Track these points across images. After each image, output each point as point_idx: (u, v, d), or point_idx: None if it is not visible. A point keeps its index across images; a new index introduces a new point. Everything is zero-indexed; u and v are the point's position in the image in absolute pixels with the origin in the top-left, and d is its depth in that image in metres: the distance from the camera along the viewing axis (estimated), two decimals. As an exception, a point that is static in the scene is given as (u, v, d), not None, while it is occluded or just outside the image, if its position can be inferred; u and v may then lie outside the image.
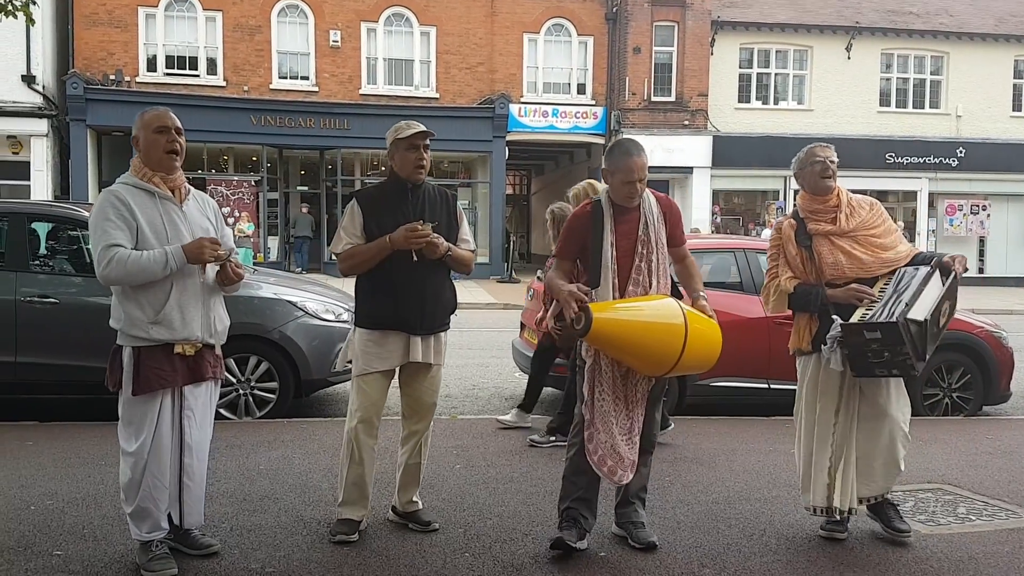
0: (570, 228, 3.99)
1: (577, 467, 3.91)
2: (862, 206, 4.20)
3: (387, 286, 3.95)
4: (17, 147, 20.98)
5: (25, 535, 3.98)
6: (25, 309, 6.27)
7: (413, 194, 4.05)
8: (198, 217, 3.69)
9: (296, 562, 3.74)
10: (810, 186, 4.25)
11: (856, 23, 24.25)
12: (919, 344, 3.87)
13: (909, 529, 4.19)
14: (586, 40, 24.09)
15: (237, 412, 6.57)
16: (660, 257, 3.91)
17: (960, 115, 24.84)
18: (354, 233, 3.98)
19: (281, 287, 7.11)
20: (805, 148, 4.30)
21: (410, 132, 4.00)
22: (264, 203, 22.57)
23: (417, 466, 4.20)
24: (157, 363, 3.49)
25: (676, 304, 3.79)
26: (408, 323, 3.96)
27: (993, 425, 7.08)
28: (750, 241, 9.58)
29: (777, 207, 24.25)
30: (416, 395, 4.13)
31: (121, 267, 3.40)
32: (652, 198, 3.98)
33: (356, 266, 3.99)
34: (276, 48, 22.58)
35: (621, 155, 3.87)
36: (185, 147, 3.69)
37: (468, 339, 12.61)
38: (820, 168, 4.17)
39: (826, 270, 4.14)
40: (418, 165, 4.02)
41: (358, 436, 4.01)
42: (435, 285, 4.03)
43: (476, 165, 25.08)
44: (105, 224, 3.44)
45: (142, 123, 3.61)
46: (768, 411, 7.21)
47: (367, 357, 4.00)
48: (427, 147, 4.06)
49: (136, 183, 3.57)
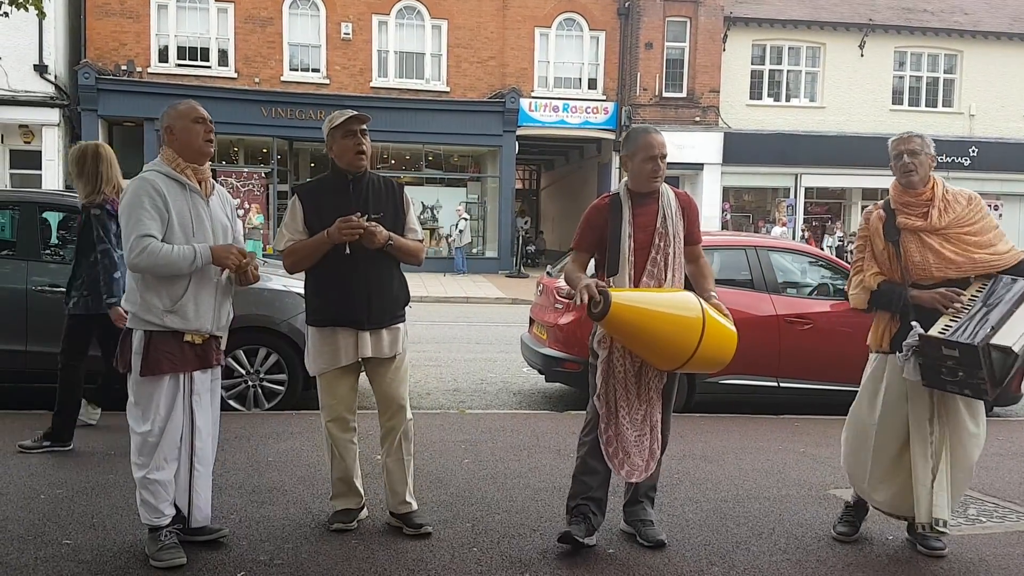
0: (588, 219, 3.95)
1: (587, 466, 3.90)
2: (958, 200, 3.94)
3: (331, 282, 3.89)
4: (29, 136, 21.07)
5: (35, 524, 3.99)
6: (36, 298, 6.28)
7: (355, 185, 3.92)
8: (220, 214, 3.76)
9: (304, 554, 3.74)
10: (898, 180, 4.03)
11: (870, 20, 24.13)
12: (999, 371, 3.56)
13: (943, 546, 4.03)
14: (598, 35, 24.03)
15: (246, 404, 6.58)
16: (676, 251, 3.87)
17: (973, 114, 24.71)
18: (296, 229, 3.89)
19: (290, 279, 7.09)
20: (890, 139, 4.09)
21: (344, 118, 3.86)
22: (274, 195, 22.60)
23: (400, 462, 4.03)
24: (168, 347, 3.55)
25: (695, 298, 3.77)
26: (355, 319, 3.88)
27: (1004, 427, 7.03)
28: (761, 238, 9.56)
29: (787, 205, 24.22)
30: (382, 389, 4.05)
31: (152, 258, 3.44)
32: (671, 193, 3.95)
33: (298, 262, 3.91)
34: (287, 40, 22.60)
35: (640, 134, 3.85)
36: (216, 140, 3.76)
37: (476, 334, 12.61)
38: (900, 165, 3.96)
39: (912, 269, 3.90)
40: (357, 152, 3.86)
41: (332, 433, 4.01)
42: (380, 278, 3.93)
43: (486, 159, 25.07)
44: (140, 212, 3.47)
45: (176, 114, 3.65)
46: (778, 409, 7.20)
47: (320, 355, 3.96)
48: (364, 132, 3.89)
49: (170, 173, 3.60)
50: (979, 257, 3.87)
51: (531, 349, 7.59)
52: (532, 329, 7.89)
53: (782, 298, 7.26)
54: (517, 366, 9.16)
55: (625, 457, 3.78)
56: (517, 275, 22.88)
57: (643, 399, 3.83)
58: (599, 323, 3.66)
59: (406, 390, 4.10)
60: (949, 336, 3.64)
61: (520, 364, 8.73)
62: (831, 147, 23.72)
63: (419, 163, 24.32)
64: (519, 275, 22.89)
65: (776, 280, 7.37)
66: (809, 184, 24.56)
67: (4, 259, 6.59)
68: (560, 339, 7.11)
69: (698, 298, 3.77)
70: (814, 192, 24.98)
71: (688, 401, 6.98)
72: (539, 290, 8.08)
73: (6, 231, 7.07)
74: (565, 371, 7.06)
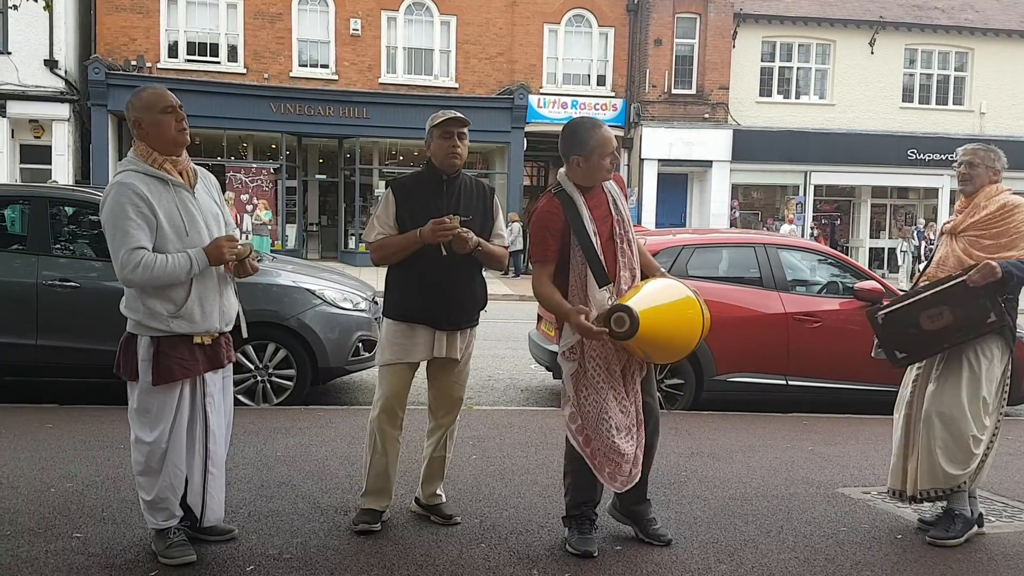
0: (546, 226, 3.66)
1: (576, 481, 3.84)
2: (987, 206, 4.11)
3: (415, 279, 3.90)
4: (39, 131, 21.14)
5: (45, 517, 4.01)
6: (46, 293, 6.31)
7: (448, 185, 3.96)
8: (208, 202, 3.59)
9: (313, 549, 3.75)
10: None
11: (880, 18, 24.02)
12: (885, 340, 4.22)
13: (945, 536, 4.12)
14: (607, 31, 23.98)
15: (255, 399, 6.61)
16: (634, 234, 3.81)
17: (984, 112, 24.60)
18: (387, 223, 3.92)
19: (299, 275, 7.12)
20: None
21: (443, 118, 3.89)
22: (282, 191, 22.63)
23: (442, 459, 4.16)
24: (179, 353, 3.43)
25: (676, 281, 3.77)
26: (434, 318, 3.91)
27: (1012, 426, 7.00)
28: (770, 236, 9.54)
29: (797, 202, 24.16)
30: (443, 389, 4.10)
31: (147, 273, 3.29)
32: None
33: (386, 257, 3.94)
34: (296, 36, 22.62)
35: (590, 129, 3.65)
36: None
37: (484, 330, 12.53)
38: (959, 173, 4.25)
39: (933, 266, 4.25)
40: (451, 153, 3.89)
41: (381, 426, 3.98)
42: (463, 280, 3.95)
43: (494, 156, 25.06)
44: (126, 224, 3.28)
45: (141, 104, 3.38)
46: (786, 407, 7.19)
47: (393, 348, 3.96)
48: (462, 136, 3.92)
49: (147, 170, 3.38)
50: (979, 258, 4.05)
51: (539, 346, 7.59)
52: (540, 326, 7.89)
53: (791, 296, 7.24)
54: (525, 363, 9.16)
55: (616, 468, 3.66)
56: (526, 272, 22.89)
57: (631, 394, 3.74)
58: (622, 342, 3.50)
59: (465, 391, 4.17)
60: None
61: (528, 361, 8.73)
62: (841, 145, 23.65)
63: (427, 159, 24.25)
64: (527, 272, 22.90)
65: (785, 278, 7.36)
66: (818, 182, 24.48)
67: (15, 253, 6.61)
68: (568, 336, 7.10)
69: (675, 279, 3.75)
70: (823, 190, 24.90)
71: (696, 399, 6.98)
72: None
73: (16, 225, 7.09)
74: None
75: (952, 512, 4.12)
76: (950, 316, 4.00)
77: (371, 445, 4.01)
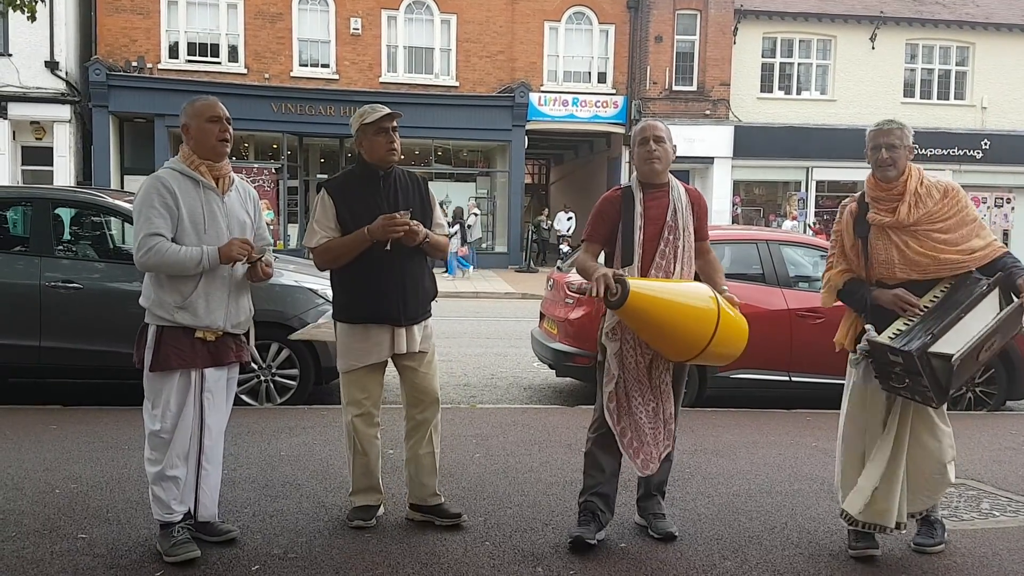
0: (600, 211, 3.94)
1: (595, 461, 3.90)
2: (931, 195, 3.66)
3: (365, 278, 3.85)
4: (40, 133, 21.16)
5: (50, 518, 4.02)
6: (49, 294, 6.32)
7: (384, 181, 3.91)
8: (237, 210, 3.73)
9: (318, 547, 3.75)
10: (873, 173, 3.80)
11: (881, 13, 23.98)
12: (943, 380, 3.40)
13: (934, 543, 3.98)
14: (607, 28, 23.96)
15: (258, 398, 6.61)
16: (686, 245, 3.87)
17: (985, 107, 24.56)
18: (328, 225, 3.84)
19: (301, 275, 7.12)
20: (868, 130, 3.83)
21: (377, 115, 3.83)
22: (284, 191, 22.66)
23: (431, 455, 4.06)
24: (178, 343, 3.57)
25: (709, 290, 3.76)
26: (391, 315, 3.86)
27: (1017, 420, 7.00)
28: (772, 232, 9.53)
29: (799, 198, 24.14)
30: (415, 382, 4.03)
31: (159, 258, 3.48)
32: (681, 188, 3.95)
33: (334, 260, 3.86)
34: (297, 35, 22.62)
35: (639, 123, 3.97)
36: (233, 136, 3.75)
37: (487, 328, 12.61)
38: (877, 158, 3.73)
39: (876, 268, 3.73)
40: (389, 149, 3.86)
41: (358, 429, 3.96)
42: (415, 274, 3.93)
43: (495, 154, 25.06)
44: (150, 211, 3.51)
45: (193, 111, 3.65)
46: (790, 404, 7.19)
47: (352, 353, 3.92)
48: (395, 129, 3.89)
49: (183, 169, 3.62)
50: (946, 258, 3.63)
51: (542, 344, 7.59)
52: (543, 324, 7.89)
53: (793, 292, 7.24)
54: (528, 361, 9.17)
55: (640, 446, 3.78)
56: (527, 270, 22.89)
57: (655, 391, 3.83)
58: (616, 312, 3.62)
59: (438, 382, 4.12)
60: (895, 342, 3.49)
61: (531, 359, 8.73)
62: (842, 140, 23.60)
63: (428, 158, 24.33)
64: (529, 270, 22.91)
65: (787, 274, 7.36)
66: (820, 177, 24.44)
67: (18, 255, 6.62)
68: (571, 334, 7.11)
69: (712, 290, 3.77)
70: (825, 185, 24.87)
71: (699, 395, 6.98)
72: (549, 285, 8.08)
73: (19, 227, 7.10)
74: (576, 366, 7.06)
75: (930, 519, 4.01)
76: (1000, 342, 3.61)
77: (351, 447, 4.01)
